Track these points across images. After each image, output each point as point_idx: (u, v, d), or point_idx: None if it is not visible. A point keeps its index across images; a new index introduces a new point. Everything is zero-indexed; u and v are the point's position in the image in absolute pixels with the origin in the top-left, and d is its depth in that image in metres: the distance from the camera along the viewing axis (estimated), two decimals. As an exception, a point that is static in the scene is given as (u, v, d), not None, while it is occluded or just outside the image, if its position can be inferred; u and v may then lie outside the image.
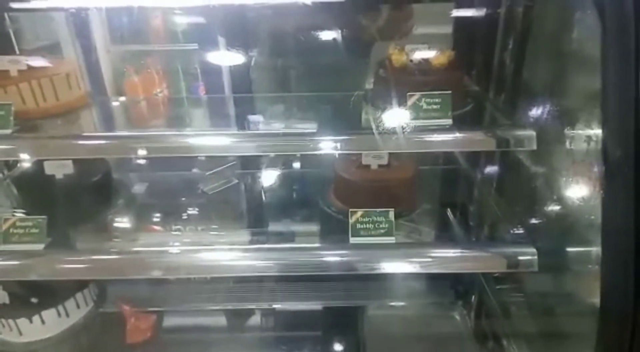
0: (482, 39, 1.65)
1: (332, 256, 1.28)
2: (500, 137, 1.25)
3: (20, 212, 1.53)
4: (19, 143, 1.30)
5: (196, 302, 1.88)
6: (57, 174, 1.61)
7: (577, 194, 1.12)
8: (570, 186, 1.17)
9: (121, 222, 1.74)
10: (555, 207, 1.27)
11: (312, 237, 1.71)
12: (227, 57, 1.92)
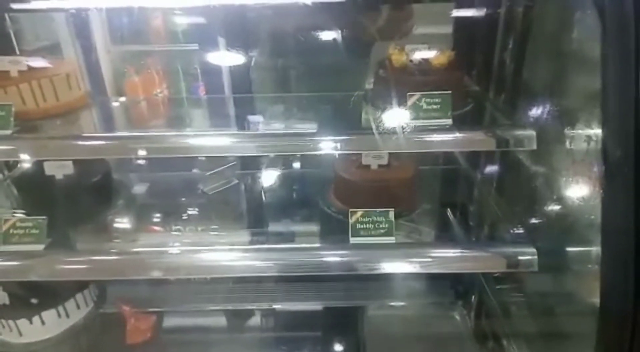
0: (482, 39, 1.64)
1: (332, 256, 1.28)
2: (500, 137, 1.25)
3: (20, 213, 1.53)
4: (19, 143, 1.30)
5: (196, 302, 1.88)
6: (57, 174, 1.61)
7: (577, 194, 1.12)
8: (570, 186, 1.17)
9: (121, 222, 1.74)
10: (555, 207, 1.27)
11: (312, 238, 1.71)
12: (227, 58, 1.92)
